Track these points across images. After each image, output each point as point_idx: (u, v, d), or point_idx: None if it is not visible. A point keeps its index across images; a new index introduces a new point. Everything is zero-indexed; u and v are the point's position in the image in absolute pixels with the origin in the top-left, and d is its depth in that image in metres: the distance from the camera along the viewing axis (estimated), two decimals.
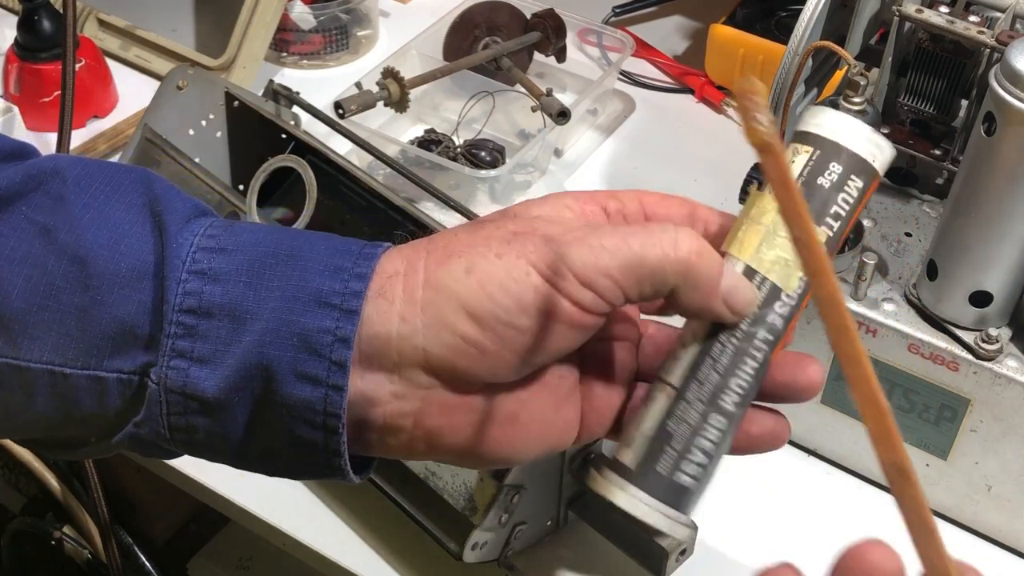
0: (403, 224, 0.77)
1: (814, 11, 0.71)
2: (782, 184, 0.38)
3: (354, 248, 0.46)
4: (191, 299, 0.45)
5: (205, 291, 0.45)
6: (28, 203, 0.46)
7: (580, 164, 0.98)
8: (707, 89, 1.04)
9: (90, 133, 0.97)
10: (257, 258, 0.46)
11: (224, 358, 0.45)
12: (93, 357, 0.46)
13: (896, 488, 0.39)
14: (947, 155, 0.71)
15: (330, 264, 0.46)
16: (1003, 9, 0.68)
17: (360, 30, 1.10)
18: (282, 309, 0.45)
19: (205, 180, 0.77)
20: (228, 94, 0.82)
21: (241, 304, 0.45)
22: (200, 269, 0.45)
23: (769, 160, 0.38)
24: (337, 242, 0.47)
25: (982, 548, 0.69)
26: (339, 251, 0.46)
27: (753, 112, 0.37)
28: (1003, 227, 0.60)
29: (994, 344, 0.62)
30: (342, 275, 0.45)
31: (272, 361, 0.45)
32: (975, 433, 0.65)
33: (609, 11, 1.14)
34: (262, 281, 0.45)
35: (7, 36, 1.00)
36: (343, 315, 0.44)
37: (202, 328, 0.45)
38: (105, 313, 0.45)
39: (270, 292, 0.45)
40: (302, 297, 0.45)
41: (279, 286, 0.45)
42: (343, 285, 0.45)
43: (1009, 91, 0.56)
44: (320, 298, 0.45)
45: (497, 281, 0.44)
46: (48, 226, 0.46)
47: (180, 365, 0.45)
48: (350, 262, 0.46)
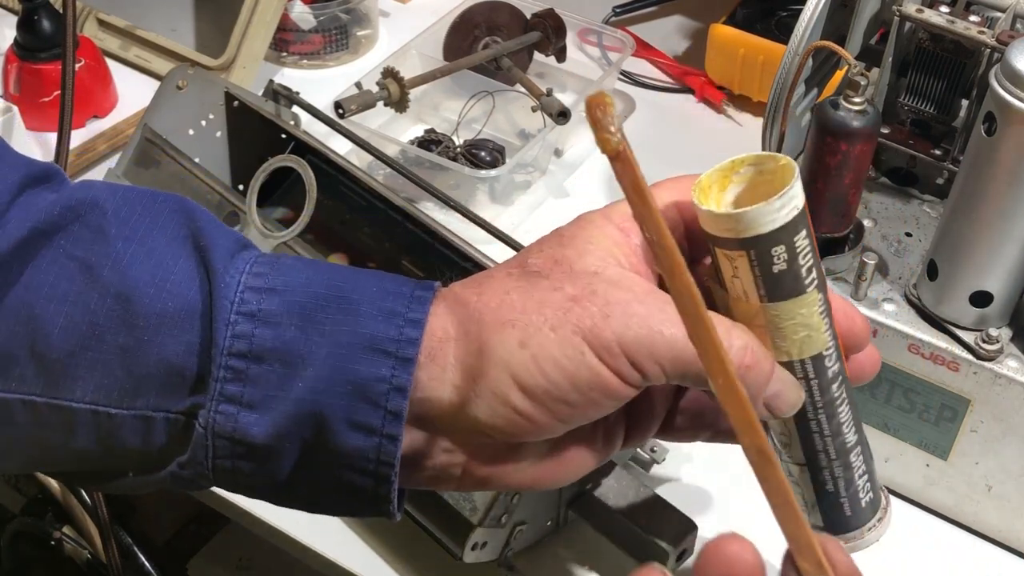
0: (403, 224, 0.77)
1: (814, 11, 0.71)
2: (634, 190, 0.38)
3: (405, 290, 0.45)
4: (241, 342, 0.44)
5: (256, 334, 0.44)
6: (67, 237, 0.45)
7: (580, 164, 0.98)
8: (707, 89, 1.04)
9: (90, 133, 0.97)
10: (308, 300, 0.44)
11: (275, 404, 0.44)
12: (139, 397, 0.44)
13: (759, 470, 0.40)
14: (947, 155, 0.71)
15: (383, 308, 0.44)
16: (1003, 9, 0.68)
17: (360, 30, 1.10)
18: (336, 355, 0.44)
19: (205, 180, 0.77)
20: (228, 94, 0.82)
21: (293, 349, 0.44)
22: (250, 311, 0.44)
23: (621, 167, 0.38)
24: (387, 283, 0.46)
25: (982, 548, 0.69)
26: (390, 293, 0.45)
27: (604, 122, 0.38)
28: (1003, 227, 0.60)
29: (994, 344, 0.62)
30: (396, 320, 0.44)
31: (325, 409, 0.44)
32: (975, 433, 0.65)
33: (609, 11, 1.14)
34: (314, 325, 0.44)
35: (7, 36, 1.00)
36: (399, 363, 0.43)
37: (252, 373, 0.44)
38: (151, 354, 0.44)
39: (323, 337, 0.44)
40: (356, 343, 0.44)
41: (332, 331, 0.44)
42: (398, 331, 0.44)
43: (1009, 91, 0.56)
44: (375, 345, 0.44)
45: (551, 358, 0.43)
46: (89, 262, 0.44)
47: (229, 410, 0.44)
48: (403, 306, 0.44)
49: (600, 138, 0.38)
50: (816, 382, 0.48)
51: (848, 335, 0.49)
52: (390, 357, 0.43)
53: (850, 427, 0.50)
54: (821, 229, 0.66)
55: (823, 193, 0.64)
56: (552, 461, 0.48)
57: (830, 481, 0.51)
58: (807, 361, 0.47)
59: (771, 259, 0.44)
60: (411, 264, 0.79)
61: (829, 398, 0.48)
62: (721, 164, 0.46)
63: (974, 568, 0.69)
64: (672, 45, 1.12)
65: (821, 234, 0.66)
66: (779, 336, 0.46)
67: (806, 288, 0.45)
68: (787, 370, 0.47)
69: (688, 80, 1.06)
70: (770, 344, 0.47)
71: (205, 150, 0.82)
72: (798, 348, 0.47)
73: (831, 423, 0.49)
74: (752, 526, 0.44)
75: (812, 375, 0.48)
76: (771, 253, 0.44)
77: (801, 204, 0.44)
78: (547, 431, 0.45)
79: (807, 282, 0.45)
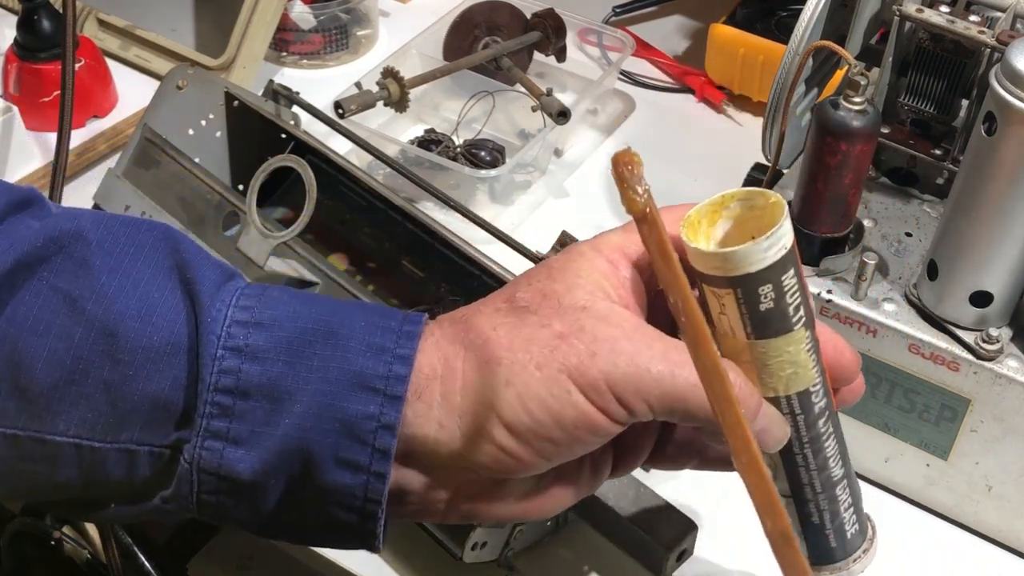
0: (403, 224, 0.77)
1: (814, 11, 0.71)
2: (661, 255, 0.38)
3: (393, 325, 0.45)
4: (228, 378, 0.43)
5: (243, 370, 0.43)
6: (50, 269, 0.44)
7: (580, 164, 0.98)
8: (707, 89, 1.04)
9: (90, 133, 0.97)
10: (296, 335, 0.44)
11: (261, 440, 0.43)
12: (124, 431, 0.44)
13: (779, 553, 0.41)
14: (947, 155, 0.71)
15: (371, 343, 0.44)
16: (1003, 9, 0.68)
17: (360, 30, 1.10)
18: (323, 392, 0.43)
19: (205, 180, 0.77)
20: (228, 94, 0.82)
21: (280, 384, 0.43)
22: (236, 345, 0.44)
23: (647, 230, 0.38)
24: (375, 316, 0.45)
25: (982, 548, 0.69)
26: (379, 327, 0.45)
27: (631, 182, 0.38)
28: (1003, 227, 0.60)
29: (994, 344, 0.62)
30: (384, 356, 0.44)
31: (313, 445, 0.43)
32: (975, 433, 0.65)
33: (609, 11, 1.14)
34: (301, 360, 0.44)
35: (7, 36, 1.00)
36: (387, 400, 0.43)
37: (239, 408, 0.43)
38: (136, 388, 0.43)
39: (310, 372, 0.43)
40: (344, 379, 0.43)
41: (319, 366, 0.44)
42: (386, 368, 0.44)
43: (1009, 91, 0.56)
44: (363, 381, 0.43)
45: (536, 397, 0.43)
46: (73, 294, 0.44)
47: (215, 446, 0.44)
48: (391, 341, 0.44)
49: (627, 197, 0.38)
50: (802, 417, 0.48)
51: (837, 368, 0.49)
52: (378, 394, 0.43)
53: (836, 461, 0.50)
54: (821, 229, 0.66)
55: (823, 193, 0.64)
56: (538, 495, 0.48)
57: (815, 513, 0.51)
58: (793, 397, 0.47)
59: (758, 298, 0.44)
60: (411, 264, 0.79)
61: (815, 433, 0.49)
62: (711, 199, 0.46)
63: (974, 568, 0.69)
64: (672, 45, 1.12)
65: (821, 234, 0.66)
66: (766, 372, 0.47)
67: (793, 326, 0.45)
68: (773, 406, 0.47)
69: (688, 80, 1.06)
70: (757, 380, 0.47)
71: (205, 150, 0.82)
72: (784, 384, 0.47)
73: (817, 458, 0.49)
74: (753, 526, 0.44)
75: (798, 411, 0.48)
76: (758, 292, 0.44)
77: (789, 243, 0.44)
78: (532, 468, 0.45)
79: (794, 320, 0.45)
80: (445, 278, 0.77)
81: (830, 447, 0.50)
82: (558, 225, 0.71)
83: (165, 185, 0.78)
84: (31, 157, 0.94)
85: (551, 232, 0.69)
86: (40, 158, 0.95)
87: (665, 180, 0.96)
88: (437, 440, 0.44)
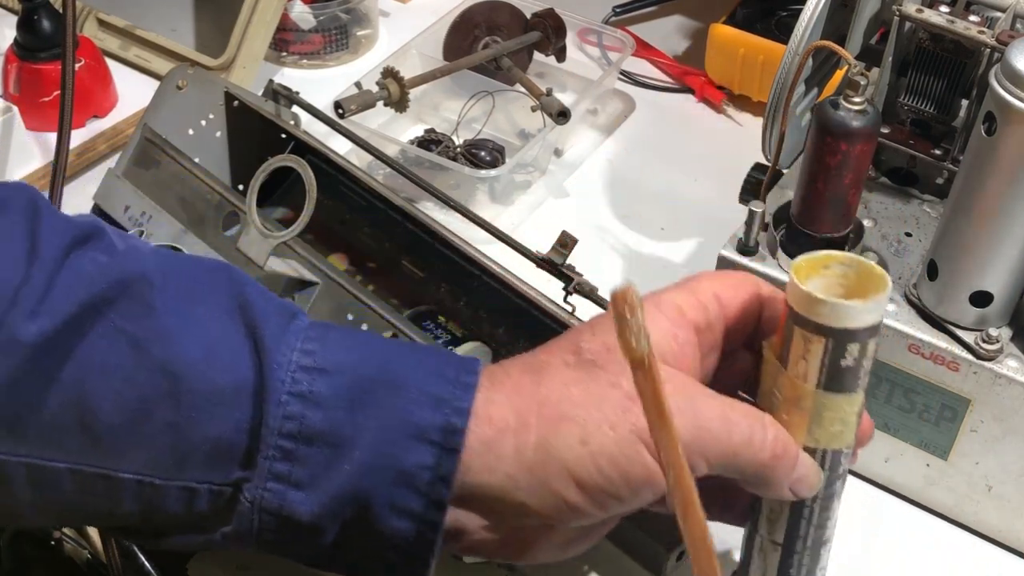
0: (403, 224, 0.77)
1: (814, 11, 0.71)
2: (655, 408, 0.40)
3: (450, 374, 0.46)
4: (292, 423, 0.44)
5: (307, 416, 0.45)
6: (117, 311, 0.45)
7: (580, 164, 0.98)
8: (707, 89, 1.04)
9: (90, 133, 0.97)
10: (357, 382, 0.45)
11: (321, 484, 0.45)
12: (186, 470, 0.45)
13: None
14: (947, 155, 0.71)
15: (430, 394, 0.45)
16: (1003, 9, 0.68)
17: (360, 30, 1.10)
18: (382, 441, 0.45)
19: (205, 180, 0.77)
20: (228, 94, 0.82)
21: (341, 431, 0.45)
22: (301, 392, 0.45)
23: (643, 379, 0.39)
24: (433, 363, 0.47)
25: (982, 548, 0.69)
26: (436, 376, 0.46)
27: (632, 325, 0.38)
28: (1003, 227, 0.60)
29: (994, 344, 0.62)
30: (443, 408, 0.45)
31: (370, 492, 0.45)
32: (975, 433, 0.65)
33: (609, 11, 1.14)
34: (362, 408, 0.45)
35: (7, 36, 1.00)
36: (444, 453, 0.45)
37: (301, 453, 0.45)
38: (200, 431, 0.45)
39: (368, 420, 0.45)
40: (403, 430, 0.45)
41: (377, 414, 0.45)
42: (444, 420, 0.45)
43: (1009, 91, 0.56)
44: (421, 434, 0.45)
45: (609, 456, 0.45)
46: (138, 337, 0.45)
47: (277, 488, 0.45)
48: (449, 392, 0.45)
49: (624, 343, 0.39)
50: (827, 475, 0.51)
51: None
52: (435, 447, 0.45)
53: (832, 523, 0.53)
54: (821, 229, 0.66)
55: (823, 193, 0.64)
56: (581, 537, 0.50)
57: (795, 567, 0.53)
58: (829, 453, 0.50)
59: (844, 353, 0.47)
60: (411, 264, 0.80)
61: (830, 492, 0.51)
62: (816, 254, 0.49)
63: (974, 568, 0.69)
64: (672, 45, 1.12)
65: (821, 234, 0.66)
66: (816, 423, 0.49)
67: (858, 388, 0.49)
68: (809, 455, 0.49)
69: (688, 80, 1.06)
70: (805, 427, 0.49)
71: (205, 150, 0.82)
72: (828, 439, 0.50)
73: (821, 515, 0.52)
74: None
75: (827, 467, 0.51)
76: (847, 348, 0.47)
77: (883, 311, 0.48)
78: (589, 519, 0.47)
79: (861, 383, 0.48)
80: (445, 278, 0.77)
81: (834, 508, 0.53)
82: (558, 225, 0.71)
83: (165, 185, 0.78)
84: (31, 157, 0.94)
85: (551, 232, 0.69)
86: (40, 158, 0.95)
87: (665, 180, 0.96)
88: (504, 489, 0.46)
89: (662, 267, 0.88)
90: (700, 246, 0.90)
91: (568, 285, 0.67)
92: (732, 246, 0.68)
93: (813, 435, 0.50)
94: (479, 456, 0.45)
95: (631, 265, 0.88)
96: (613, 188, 0.96)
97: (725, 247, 0.68)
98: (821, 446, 0.50)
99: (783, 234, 0.69)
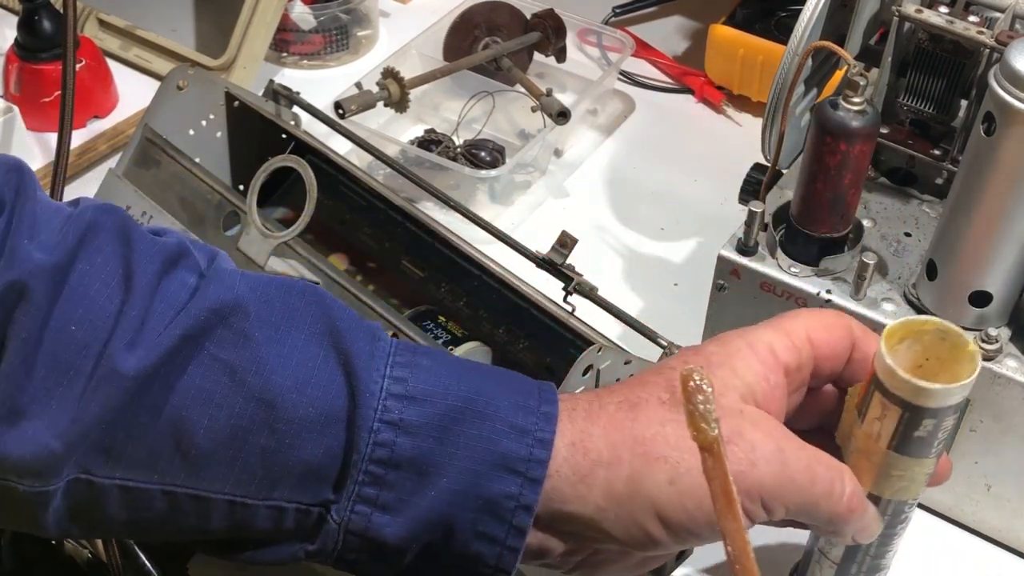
0: (403, 224, 0.77)
1: (814, 11, 0.71)
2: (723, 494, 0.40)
3: (532, 404, 0.48)
4: (382, 450, 0.46)
5: (397, 443, 0.46)
6: (212, 340, 0.46)
7: (580, 164, 0.98)
8: (707, 89, 1.04)
9: (90, 133, 0.97)
10: (446, 412, 0.47)
11: (408, 508, 0.46)
12: (276, 491, 0.46)
13: None
14: (947, 155, 0.71)
15: (514, 424, 0.47)
16: (1003, 9, 0.68)
17: (360, 30, 1.10)
18: (468, 471, 0.46)
19: (205, 180, 0.77)
20: (228, 94, 0.82)
21: (429, 458, 0.46)
22: (392, 419, 0.46)
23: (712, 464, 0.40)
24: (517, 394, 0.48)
25: (982, 548, 0.69)
26: (520, 408, 0.47)
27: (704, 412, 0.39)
28: (1003, 227, 0.60)
29: (993, 344, 0.62)
30: (526, 439, 0.46)
31: (455, 518, 0.46)
32: (975, 433, 0.65)
33: (609, 11, 1.14)
34: (450, 436, 0.46)
35: (7, 36, 1.00)
36: (527, 483, 0.46)
37: (390, 478, 0.46)
38: (291, 455, 0.46)
39: (456, 448, 0.46)
40: (488, 459, 0.46)
41: (466, 443, 0.46)
42: (527, 451, 0.46)
43: (1009, 91, 0.56)
44: (507, 464, 0.46)
45: (696, 499, 0.46)
46: (234, 365, 0.46)
47: (364, 511, 0.46)
48: (532, 423, 0.47)
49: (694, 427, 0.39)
50: (888, 519, 0.53)
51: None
52: (519, 476, 0.46)
53: (892, 554, 0.57)
54: (820, 229, 0.66)
55: (822, 193, 0.64)
56: (650, 561, 0.52)
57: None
58: (892, 502, 0.52)
59: (919, 425, 0.48)
60: (411, 264, 0.80)
61: (891, 532, 0.54)
62: (912, 318, 0.50)
63: (974, 568, 0.69)
64: (672, 45, 1.12)
65: (820, 234, 0.66)
66: (883, 477, 0.51)
67: (930, 455, 0.50)
68: (872, 502, 0.51)
69: (688, 80, 1.06)
70: (872, 478, 0.51)
71: (205, 150, 0.82)
72: (892, 491, 0.52)
73: (879, 549, 0.55)
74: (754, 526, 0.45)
75: (888, 513, 0.53)
76: (922, 422, 0.48)
77: (968, 392, 0.48)
78: (667, 549, 0.49)
79: (933, 451, 0.50)
80: (445, 278, 0.77)
81: (894, 543, 0.56)
82: (558, 225, 0.71)
83: (166, 185, 0.78)
84: (32, 157, 0.94)
85: (551, 232, 0.69)
86: (41, 158, 0.95)
87: (665, 180, 0.97)
88: (592, 519, 0.47)
89: (662, 267, 0.88)
90: (700, 246, 0.90)
91: (568, 285, 0.67)
92: (732, 246, 0.68)
93: (879, 486, 0.51)
94: (572, 486, 0.47)
95: (631, 265, 0.88)
96: (613, 188, 0.96)
97: (725, 247, 0.68)
98: (885, 496, 0.52)
99: (783, 234, 0.69)
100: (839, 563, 0.57)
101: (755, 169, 0.77)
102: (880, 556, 0.56)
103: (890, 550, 0.56)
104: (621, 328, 0.66)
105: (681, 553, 0.64)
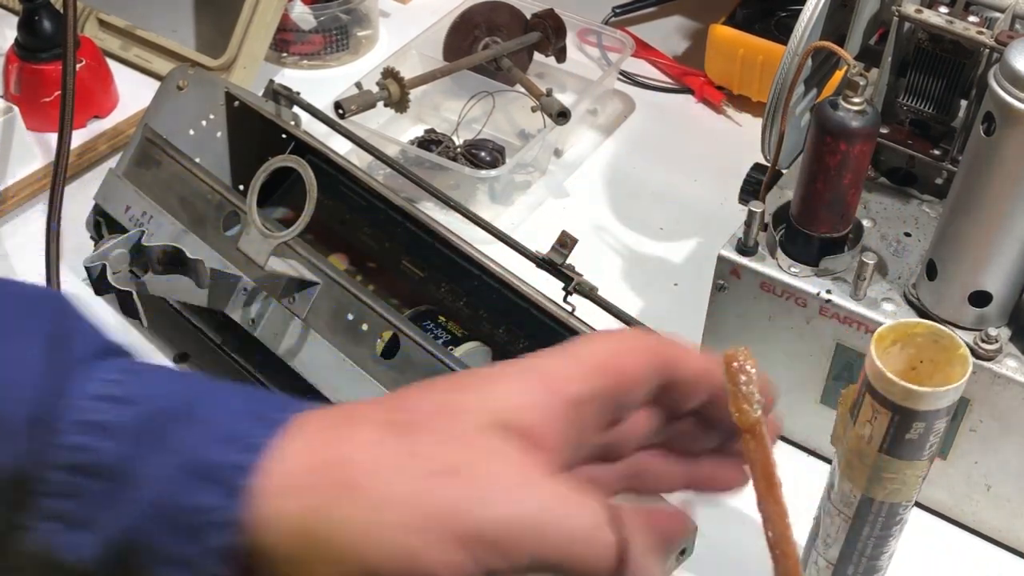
0: (403, 224, 0.77)
1: (814, 11, 0.71)
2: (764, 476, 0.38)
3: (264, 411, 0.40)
4: (80, 455, 0.39)
5: (99, 448, 0.39)
6: None
7: (580, 164, 0.98)
8: (707, 89, 1.04)
9: (91, 133, 0.97)
10: (154, 414, 0.40)
11: (96, 524, 0.39)
12: None
13: None
14: (947, 155, 0.71)
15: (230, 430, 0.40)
16: (1002, 9, 0.68)
17: (360, 30, 1.10)
18: (164, 479, 0.39)
19: (205, 180, 0.77)
20: (228, 94, 0.82)
21: (127, 465, 0.39)
22: (87, 420, 0.39)
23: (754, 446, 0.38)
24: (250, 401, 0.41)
25: (982, 548, 0.69)
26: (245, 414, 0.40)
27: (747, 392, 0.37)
28: (1003, 227, 0.60)
29: (993, 344, 0.63)
30: (234, 445, 0.39)
31: (147, 537, 0.39)
32: (974, 433, 0.65)
33: (609, 11, 1.15)
34: (149, 440, 0.39)
35: (7, 36, 1.00)
36: (228, 493, 0.38)
37: (77, 488, 0.39)
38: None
39: (157, 454, 0.39)
40: (189, 467, 0.38)
41: (171, 449, 0.39)
42: (233, 457, 0.39)
43: (1009, 91, 0.56)
44: (209, 473, 0.39)
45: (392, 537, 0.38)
46: None
47: (50, 528, 0.39)
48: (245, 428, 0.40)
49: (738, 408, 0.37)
50: (882, 521, 0.53)
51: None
52: (220, 486, 0.39)
53: (888, 556, 0.56)
54: (820, 229, 0.66)
55: (822, 193, 0.64)
56: None
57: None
58: (885, 504, 0.53)
59: (909, 428, 0.49)
60: (411, 264, 0.80)
61: (886, 534, 0.54)
62: (904, 321, 0.51)
63: (973, 568, 0.69)
64: (672, 45, 1.12)
65: (820, 234, 0.66)
66: (875, 479, 0.51)
67: (921, 457, 0.50)
68: (867, 505, 0.52)
69: (688, 80, 1.06)
70: (863, 480, 0.51)
71: (205, 150, 0.82)
72: (884, 493, 0.52)
73: (874, 550, 0.56)
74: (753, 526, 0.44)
75: (882, 515, 0.53)
76: (912, 425, 0.49)
77: (957, 396, 0.49)
78: None
79: (925, 453, 0.50)
80: (445, 278, 0.77)
81: (890, 545, 0.56)
82: (558, 225, 0.71)
83: (166, 185, 0.78)
84: (32, 157, 0.94)
85: (551, 232, 0.69)
86: (41, 158, 0.95)
87: (665, 180, 0.97)
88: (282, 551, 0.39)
89: (662, 267, 0.89)
90: (700, 246, 0.90)
91: (568, 285, 0.67)
92: (732, 246, 0.68)
93: (872, 489, 0.52)
94: (309, 507, 0.38)
95: (631, 265, 0.88)
96: (613, 188, 0.96)
97: (725, 247, 0.68)
98: (878, 499, 0.52)
99: (782, 234, 0.69)
100: (835, 564, 0.57)
101: (755, 169, 0.77)
102: (876, 557, 0.56)
103: (886, 551, 0.56)
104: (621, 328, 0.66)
105: (681, 552, 0.64)
